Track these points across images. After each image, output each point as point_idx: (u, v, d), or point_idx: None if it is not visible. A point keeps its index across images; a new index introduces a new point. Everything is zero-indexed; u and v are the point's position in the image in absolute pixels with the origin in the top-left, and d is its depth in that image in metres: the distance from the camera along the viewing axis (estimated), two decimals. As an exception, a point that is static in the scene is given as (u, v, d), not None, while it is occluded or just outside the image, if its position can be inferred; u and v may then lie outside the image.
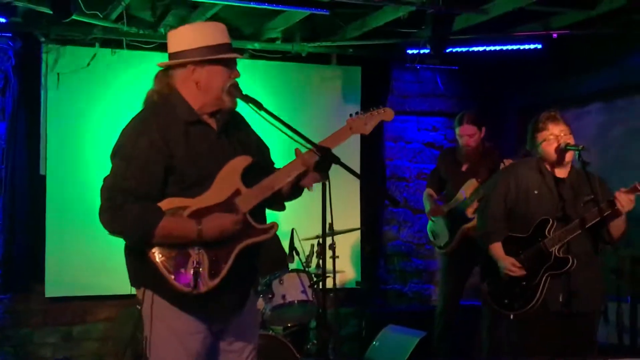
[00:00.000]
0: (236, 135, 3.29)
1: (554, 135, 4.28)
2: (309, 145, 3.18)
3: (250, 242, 3.15)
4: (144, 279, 3.16)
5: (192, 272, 3.04)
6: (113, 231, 3.08)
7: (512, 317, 4.32)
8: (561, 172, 4.37)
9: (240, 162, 3.19)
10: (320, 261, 4.77)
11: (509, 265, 4.32)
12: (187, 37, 3.19)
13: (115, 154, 3.13)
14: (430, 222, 6.40)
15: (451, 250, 6.09)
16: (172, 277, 3.04)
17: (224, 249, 3.10)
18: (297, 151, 3.25)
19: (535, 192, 4.36)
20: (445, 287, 6.30)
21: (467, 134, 6.03)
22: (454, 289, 6.20)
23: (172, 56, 3.21)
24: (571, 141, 4.27)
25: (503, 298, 4.39)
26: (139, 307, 3.19)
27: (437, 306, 6.41)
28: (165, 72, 3.25)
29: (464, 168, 6.17)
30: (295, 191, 3.33)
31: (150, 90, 3.26)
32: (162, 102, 3.21)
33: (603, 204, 4.10)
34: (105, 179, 3.10)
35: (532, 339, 4.28)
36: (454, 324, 6.24)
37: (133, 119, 3.19)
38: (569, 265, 4.19)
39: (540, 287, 4.23)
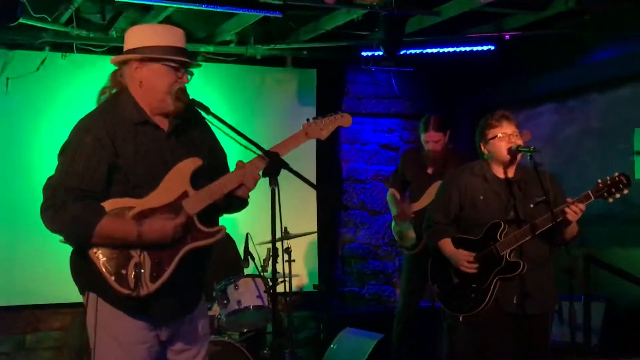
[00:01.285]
0: (188, 137, 3.23)
1: (507, 134, 4.26)
2: (258, 150, 3.14)
3: (196, 245, 3.09)
4: (87, 281, 3.10)
5: (133, 274, 2.97)
6: (53, 230, 3.03)
7: (461, 319, 4.32)
8: (508, 172, 4.34)
9: (190, 164, 3.13)
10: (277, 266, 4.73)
11: (462, 258, 4.29)
12: (137, 35, 3.17)
13: (61, 152, 3.09)
14: (395, 223, 6.37)
15: (419, 251, 6.09)
16: (112, 278, 2.98)
17: (167, 252, 3.04)
18: (238, 164, 3.21)
19: (481, 197, 4.33)
20: (407, 285, 6.30)
21: (433, 140, 6.00)
22: (416, 288, 6.20)
23: (124, 54, 3.19)
24: (521, 143, 4.26)
25: (453, 300, 4.39)
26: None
27: (398, 305, 6.40)
28: (118, 71, 3.22)
29: (430, 171, 6.15)
30: (237, 202, 3.27)
31: (103, 87, 3.23)
32: (112, 101, 3.17)
33: (556, 210, 4.04)
34: (49, 177, 3.06)
35: (487, 341, 4.26)
36: (414, 325, 6.24)
37: (82, 118, 3.15)
38: (520, 269, 4.17)
39: (491, 290, 4.21)
